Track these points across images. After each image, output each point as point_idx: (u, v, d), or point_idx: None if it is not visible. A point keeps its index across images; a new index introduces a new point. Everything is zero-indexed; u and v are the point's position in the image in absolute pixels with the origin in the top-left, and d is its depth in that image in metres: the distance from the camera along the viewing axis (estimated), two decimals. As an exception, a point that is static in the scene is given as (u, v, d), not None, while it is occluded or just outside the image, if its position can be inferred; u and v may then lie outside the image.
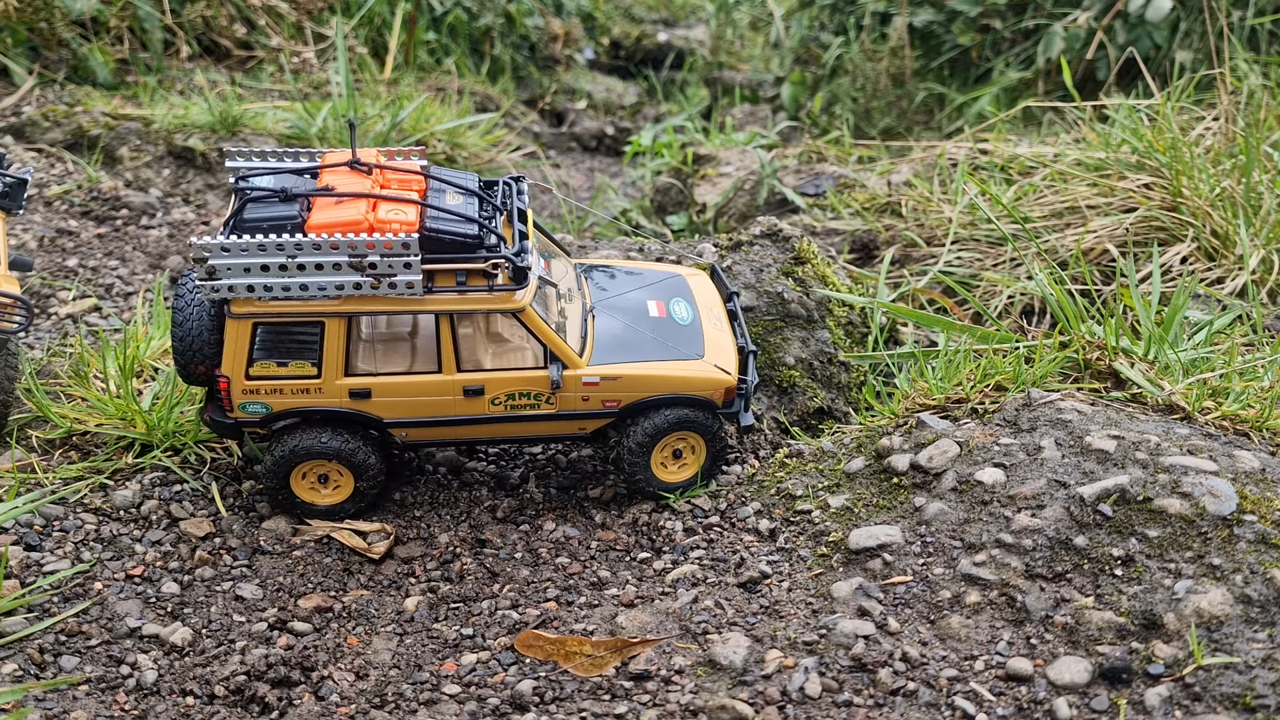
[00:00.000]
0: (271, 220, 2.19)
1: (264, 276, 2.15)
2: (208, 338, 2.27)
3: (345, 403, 2.31)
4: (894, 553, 2.17)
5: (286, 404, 2.30)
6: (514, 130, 5.92)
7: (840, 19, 6.56)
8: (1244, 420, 2.38)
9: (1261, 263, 3.31)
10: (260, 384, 2.28)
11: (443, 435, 2.41)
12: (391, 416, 2.35)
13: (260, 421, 2.33)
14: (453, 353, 2.30)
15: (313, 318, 2.22)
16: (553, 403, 2.38)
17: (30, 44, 5.16)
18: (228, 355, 2.25)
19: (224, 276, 2.15)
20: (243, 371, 2.26)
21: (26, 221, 3.83)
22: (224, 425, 2.35)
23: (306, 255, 2.14)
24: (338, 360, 2.27)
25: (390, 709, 2.00)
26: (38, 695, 1.98)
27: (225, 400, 2.29)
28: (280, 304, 2.20)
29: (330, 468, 2.40)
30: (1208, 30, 4.90)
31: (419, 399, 2.33)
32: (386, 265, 2.15)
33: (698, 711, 1.89)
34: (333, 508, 2.45)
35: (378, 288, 2.18)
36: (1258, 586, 1.92)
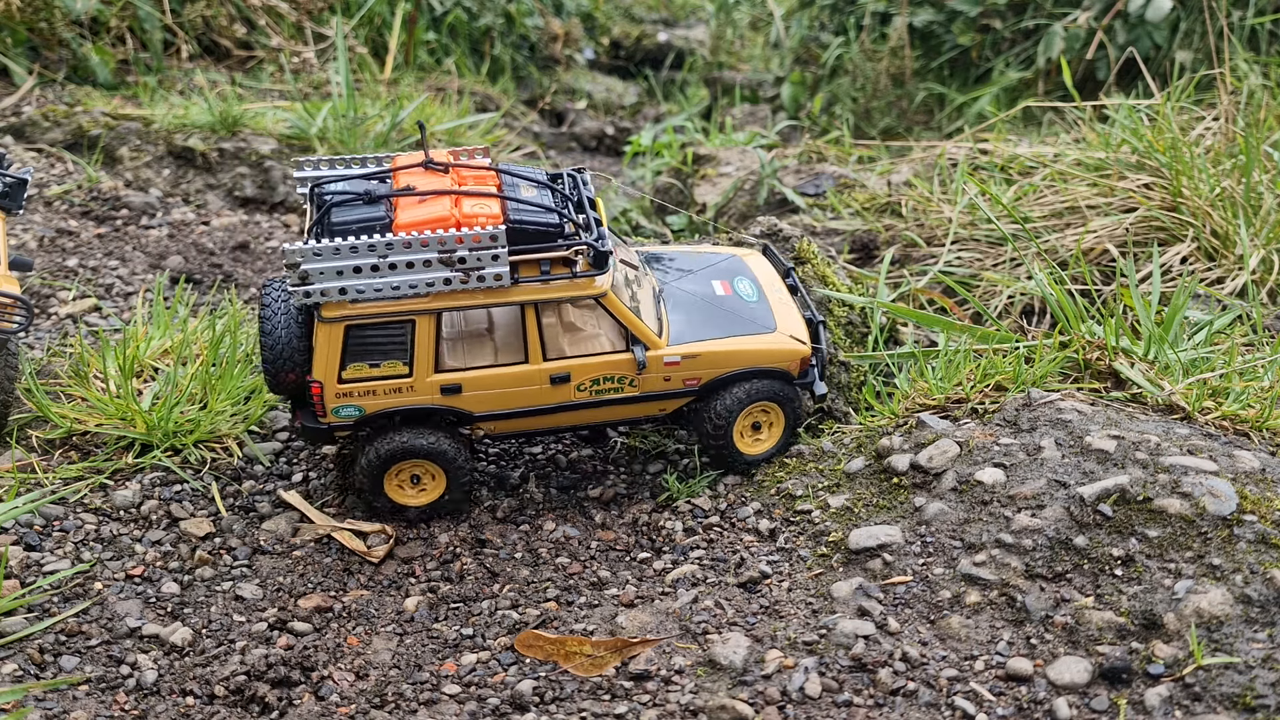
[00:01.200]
0: (359, 222, 2.21)
1: (355, 279, 2.16)
2: (297, 345, 2.28)
3: (437, 399, 2.33)
4: (894, 553, 2.17)
5: (379, 405, 2.31)
6: (514, 130, 5.92)
7: (840, 19, 6.56)
8: (1244, 420, 2.38)
9: (1261, 263, 3.31)
10: (353, 386, 2.28)
11: (530, 425, 2.44)
12: (482, 410, 2.37)
13: (353, 425, 2.34)
14: (539, 342, 2.33)
15: (403, 316, 2.24)
16: (636, 385, 2.41)
17: (30, 44, 5.16)
18: (320, 360, 2.26)
19: (316, 281, 2.16)
20: (335, 375, 2.27)
21: (26, 221, 3.83)
22: (317, 431, 2.35)
23: (397, 254, 2.16)
24: (428, 357, 2.28)
25: (390, 709, 2.00)
26: (38, 695, 1.98)
27: (318, 406, 2.29)
28: (371, 305, 2.21)
29: (422, 468, 2.41)
30: (1208, 30, 4.90)
31: (508, 390, 2.36)
32: (475, 259, 2.19)
33: (698, 711, 1.89)
34: (423, 509, 2.46)
35: (466, 281, 2.21)
36: (1258, 586, 1.92)
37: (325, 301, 2.20)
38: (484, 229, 2.18)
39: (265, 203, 4.41)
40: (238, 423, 2.66)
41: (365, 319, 2.22)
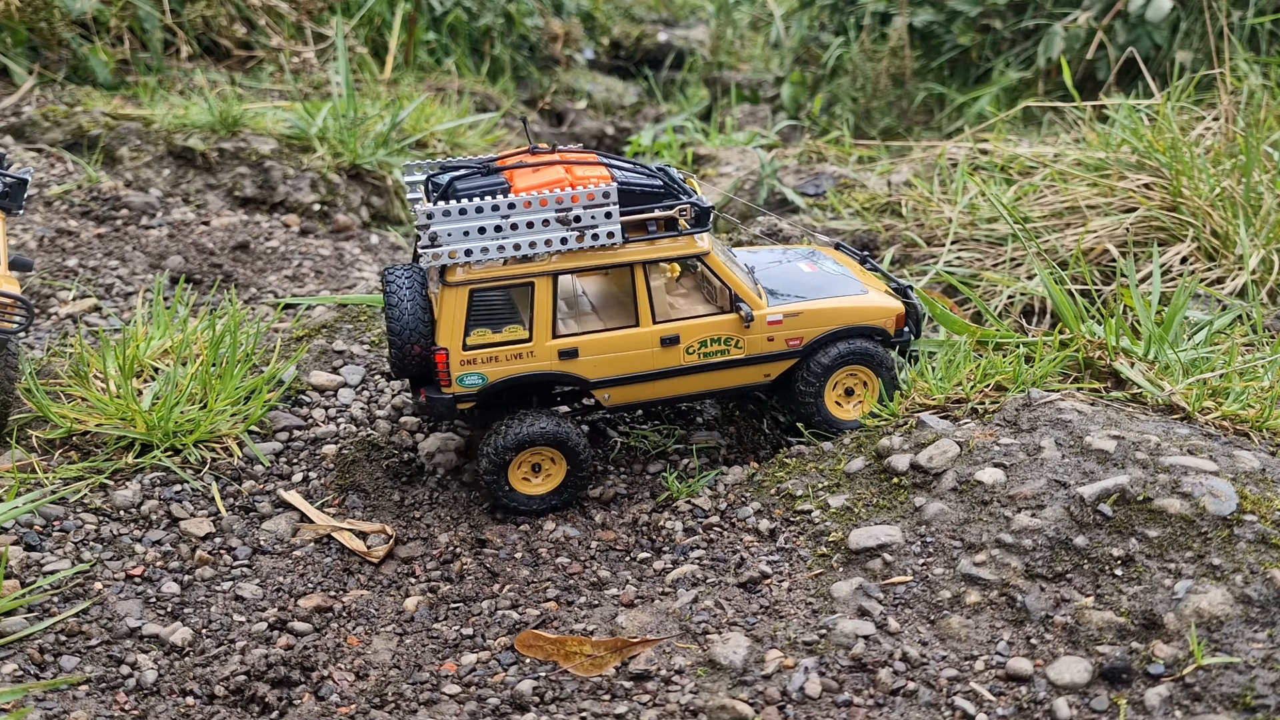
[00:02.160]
0: (481, 189, 2.33)
1: (479, 240, 2.27)
2: (422, 316, 2.37)
3: (555, 365, 2.41)
4: (894, 553, 2.17)
5: (501, 372, 2.39)
6: (514, 130, 5.93)
7: (840, 19, 6.56)
8: (1244, 420, 2.38)
9: (1261, 263, 3.31)
10: (477, 353, 2.37)
11: (642, 395, 2.50)
12: (596, 376, 2.45)
13: (476, 394, 2.39)
14: (648, 304, 2.43)
15: (523, 279, 2.34)
16: (741, 347, 2.50)
17: (30, 44, 5.16)
18: (445, 327, 2.34)
19: (445, 243, 2.26)
20: (460, 342, 2.35)
21: (26, 221, 3.83)
22: (441, 403, 2.40)
23: (518, 214, 2.28)
24: (546, 321, 2.37)
25: (390, 709, 2.00)
26: (38, 695, 1.98)
27: (443, 375, 2.36)
28: (492, 269, 2.32)
29: (543, 456, 2.47)
30: (1208, 30, 4.90)
31: (621, 354, 2.44)
32: (589, 217, 2.31)
33: (698, 711, 1.89)
34: (544, 497, 2.50)
35: (581, 241, 2.32)
36: (1258, 586, 1.92)
37: (451, 265, 2.29)
38: (597, 186, 2.31)
39: (265, 203, 4.41)
40: (238, 423, 2.66)
41: (487, 283, 2.33)
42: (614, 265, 2.38)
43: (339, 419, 2.77)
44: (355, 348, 2.96)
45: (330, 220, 4.42)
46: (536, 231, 2.30)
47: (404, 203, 4.74)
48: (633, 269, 2.40)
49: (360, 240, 4.31)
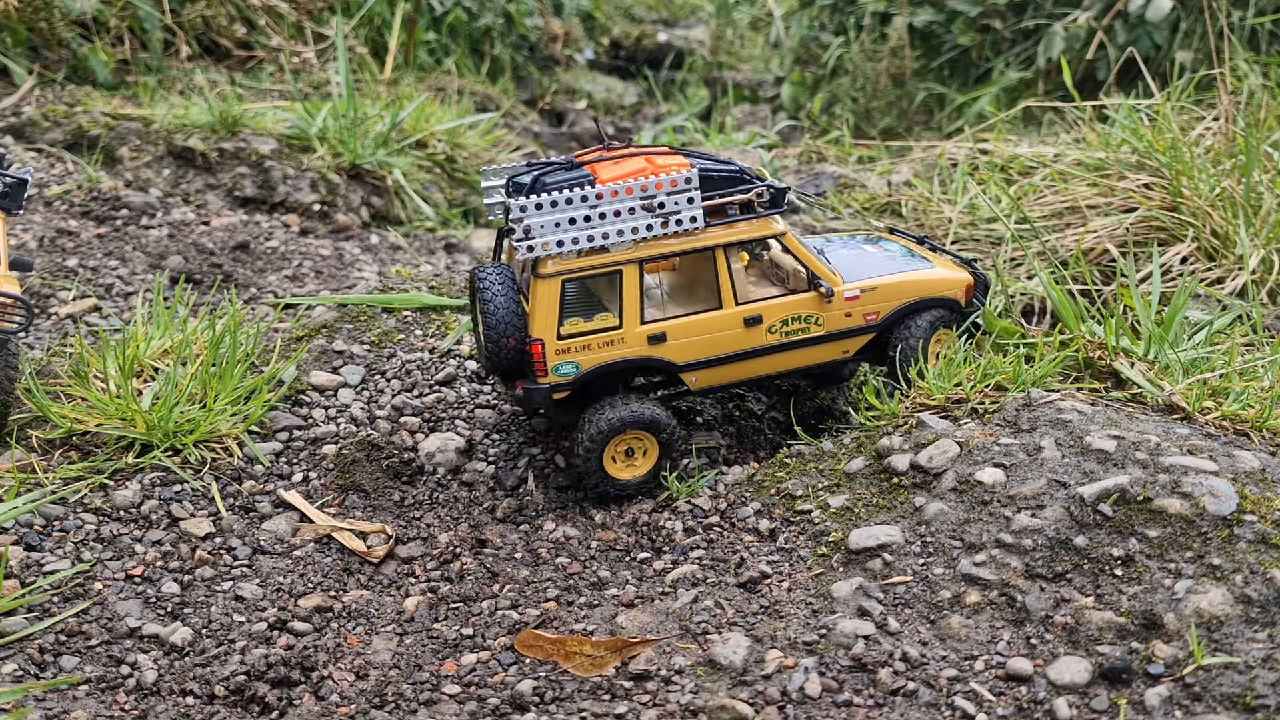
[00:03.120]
0: (568, 182, 2.39)
1: (570, 230, 2.35)
2: (516, 310, 2.42)
3: (645, 350, 2.47)
4: (894, 553, 2.17)
5: (595, 360, 2.45)
6: (514, 130, 5.92)
7: (840, 19, 6.56)
8: (1244, 420, 2.38)
9: (1261, 263, 3.31)
10: (570, 342, 2.43)
11: (727, 376, 2.57)
12: (684, 359, 2.51)
13: (570, 383, 2.45)
14: (730, 286, 2.49)
15: (612, 267, 2.41)
16: (821, 324, 2.57)
17: (30, 44, 5.16)
18: (539, 318, 2.40)
19: (537, 235, 2.33)
20: (554, 332, 2.41)
21: (26, 221, 3.83)
22: (538, 393, 2.44)
23: (605, 204, 2.36)
24: (635, 308, 2.45)
25: (390, 709, 2.00)
26: (38, 695, 1.98)
27: (539, 366, 2.42)
28: (582, 259, 2.39)
29: (636, 440, 2.51)
30: (1208, 30, 4.90)
31: (707, 336, 2.51)
32: (673, 203, 2.39)
33: (698, 711, 1.89)
34: (639, 480, 2.54)
35: (666, 227, 2.39)
36: (1258, 586, 1.92)
37: (543, 256, 2.36)
38: (679, 173, 2.38)
39: (265, 203, 4.41)
40: (238, 423, 2.66)
41: (578, 272, 2.40)
42: (697, 250, 2.46)
43: (339, 419, 2.77)
44: (355, 348, 2.96)
45: (330, 220, 4.42)
46: (623, 220, 2.38)
47: (404, 203, 4.74)
48: (714, 252, 2.47)
49: (360, 240, 4.31)
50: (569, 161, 2.49)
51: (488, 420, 2.80)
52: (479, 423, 2.78)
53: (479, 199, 5.12)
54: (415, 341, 2.98)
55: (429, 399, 2.82)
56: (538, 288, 2.40)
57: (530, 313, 2.42)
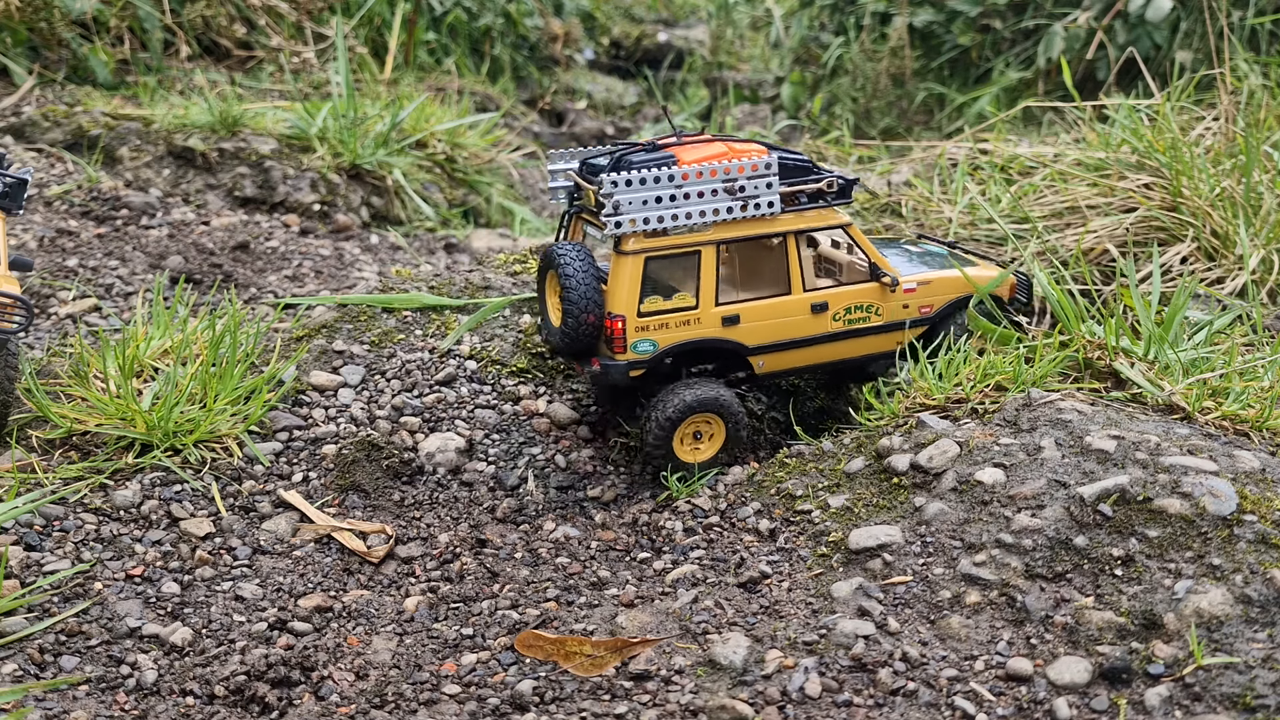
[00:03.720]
0: (653, 162, 2.44)
1: (655, 209, 2.40)
2: (596, 287, 2.47)
3: (719, 331, 2.53)
4: (894, 553, 2.17)
5: (671, 338, 2.50)
6: (514, 130, 5.93)
7: (840, 19, 6.56)
8: (1244, 420, 2.38)
9: (1261, 263, 3.31)
10: (649, 320, 2.48)
11: (791, 361, 2.63)
12: (754, 342, 2.57)
13: (647, 361, 2.49)
14: (799, 273, 2.57)
15: (691, 248, 2.47)
16: (880, 314, 2.67)
17: (30, 44, 5.16)
18: (621, 295, 2.45)
19: (625, 212, 2.38)
20: (635, 309, 2.46)
21: (27, 221, 3.83)
22: (616, 369, 2.49)
23: (690, 185, 2.42)
24: (711, 289, 2.50)
25: (390, 709, 2.00)
26: (38, 695, 1.98)
27: (618, 343, 2.46)
28: (664, 239, 2.45)
29: (705, 423, 2.56)
30: (1208, 30, 4.90)
31: (776, 321, 2.58)
32: (753, 188, 2.46)
33: (698, 711, 1.89)
34: (706, 463, 2.59)
35: (745, 210, 2.46)
36: (1258, 586, 1.92)
37: (626, 234, 2.41)
38: (759, 158, 2.46)
39: (265, 202, 4.41)
40: (238, 423, 2.66)
41: (660, 251, 2.45)
42: (771, 235, 2.53)
43: (339, 419, 2.77)
44: (355, 348, 2.96)
45: (330, 220, 4.42)
46: (705, 201, 2.43)
47: (404, 203, 4.74)
48: (786, 238, 2.54)
49: (360, 240, 4.32)
50: (651, 144, 2.54)
51: (488, 420, 2.80)
52: (479, 423, 2.79)
53: (479, 199, 5.12)
54: (415, 341, 2.98)
55: (429, 399, 2.82)
56: (620, 264, 2.44)
57: (609, 290, 2.46)
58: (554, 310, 2.57)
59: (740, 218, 2.47)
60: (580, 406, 2.89)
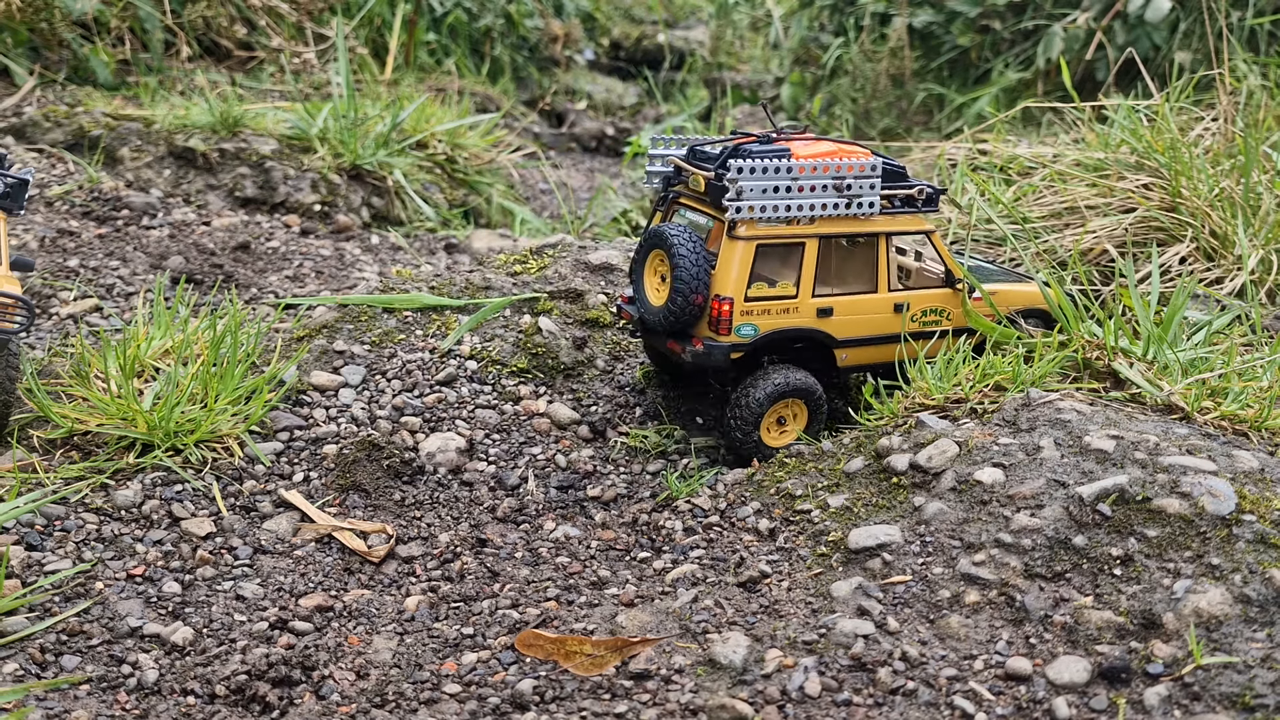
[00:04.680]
0: (770, 154, 2.53)
1: (772, 198, 2.50)
2: (706, 268, 2.53)
3: (813, 322, 2.62)
4: (893, 552, 2.18)
5: (772, 325, 2.58)
6: (514, 130, 5.93)
7: (840, 19, 6.56)
8: (1243, 420, 2.39)
9: (1260, 263, 3.31)
10: (754, 305, 2.55)
11: (869, 358, 2.73)
12: (842, 335, 2.66)
13: (748, 345, 2.57)
14: (886, 272, 2.67)
15: (797, 239, 2.56)
16: (950, 319, 2.77)
17: (31, 44, 5.16)
18: (730, 277, 2.52)
19: (747, 198, 2.47)
20: (743, 293, 2.53)
21: (28, 222, 3.84)
22: (718, 350, 2.55)
23: (805, 179, 2.52)
24: (810, 280, 2.59)
25: (391, 708, 2.00)
26: (39, 694, 1.98)
27: (724, 325, 2.54)
28: (773, 228, 2.54)
29: (790, 408, 2.65)
30: (1207, 31, 4.91)
31: (863, 316, 2.68)
32: (859, 187, 2.56)
33: (698, 711, 1.89)
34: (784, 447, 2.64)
35: (849, 208, 2.57)
36: (1257, 586, 1.92)
37: (741, 219, 2.49)
38: (865, 159, 2.56)
39: (266, 203, 4.41)
40: (238, 423, 2.66)
41: (769, 239, 2.54)
42: (867, 234, 2.63)
43: (340, 419, 2.77)
44: (356, 348, 2.97)
45: (331, 221, 4.42)
46: (815, 196, 2.53)
47: (404, 203, 4.74)
48: (879, 239, 2.65)
49: (361, 240, 4.32)
50: (767, 136, 2.62)
51: (488, 420, 2.80)
52: (479, 423, 2.79)
53: (479, 199, 5.12)
54: (416, 342, 2.98)
55: (429, 399, 2.83)
56: (732, 249, 2.52)
57: (718, 273, 2.53)
58: (653, 289, 2.64)
59: (844, 215, 2.57)
60: (580, 406, 2.89)
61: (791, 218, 2.54)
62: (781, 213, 2.51)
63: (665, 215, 2.74)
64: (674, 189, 2.71)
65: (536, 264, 3.30)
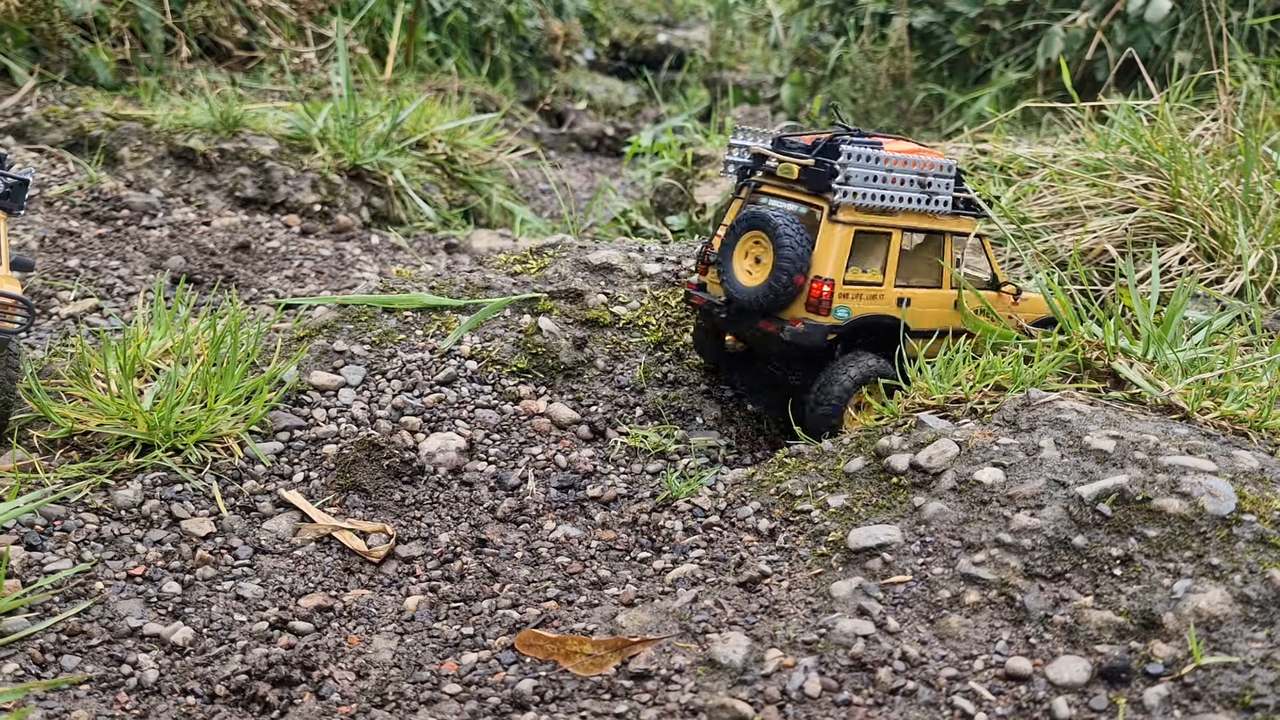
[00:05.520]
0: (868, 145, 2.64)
1: (870, 186, 2.61)
2: (808, 249, 2.62)
3: (893, 310, 2.73)
4: (893, 552, 2.18)
5: (862, 310, 2.69)
6: (514, 130, 5.93)
7: (840, 20, 6.56)
8: (1243, 420, 2.39)
9: (1260, 263, 3.31)
10: (849, 289, 2.66)
11: (934, 348, 2.80)
12: (915, 326, 2.78)
13: (841, 327, 2.67)
14: (949, 269, 2.79)
15: (886, 228, 2.68)
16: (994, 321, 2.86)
17: (31, 44, 5.16)
18: (830, 259, 2.62)
19: (853, 184, 2.59)
20: (841, 275, 2.64)
21: (28, 222, 3.84)
22: (817, 331, 2.64)
23: (898, 171, 2.65)
24: (894, 269, 2.71)
25: (391, 708, 2.01)
26: (39, 694, 1.98)
27: (825, 305, 2.64)
28: (870, 215, 2.65)
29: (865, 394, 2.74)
30: (1207, 31, 4.91)
31: (930, 310, 2.79)
32: (937, 185, 2.70)
33: (698, 711, 1.89)
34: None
35: (928, 204, 2.70)
36: (1256, 586, 1.92)
37: (845, 204, 2.60)
38: (943, 159, 2.70)
39: (266, 203, 4.41)
40: (238, 423, 2.66)
41: (865, 226, 2.65)
42: (937, 231, 2.77)
43: (340, 419, 2.77)
44: (356, 348, 2.97)
45: (331, 221, 4.42)
46: (903, 189, 2.66)
47: (404, 203, 4.74)
48: (945, 236, 2.78)
49: (361, 240, 4.32)
50: (859, 131, 2.75)
51: (488, 420, 2.80)
52: (479, 423, 2.79)
53: (479, 199, 5.12)
54: (416, 342, 2.99)
55: (429, 399, 2.83)
56: (833, 233, 2.62)
57: (818, 255, 2.62)
58: (745, 270, 2.71)
59: (924, 210, 2.69)
60: (580, 406, 2.89)
61: (886, 207, 2.65)
62: (879, 201, 2.62)
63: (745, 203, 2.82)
64: (755, 178, 2.80)
65: (536, 264, 3.30)
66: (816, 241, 2.64)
